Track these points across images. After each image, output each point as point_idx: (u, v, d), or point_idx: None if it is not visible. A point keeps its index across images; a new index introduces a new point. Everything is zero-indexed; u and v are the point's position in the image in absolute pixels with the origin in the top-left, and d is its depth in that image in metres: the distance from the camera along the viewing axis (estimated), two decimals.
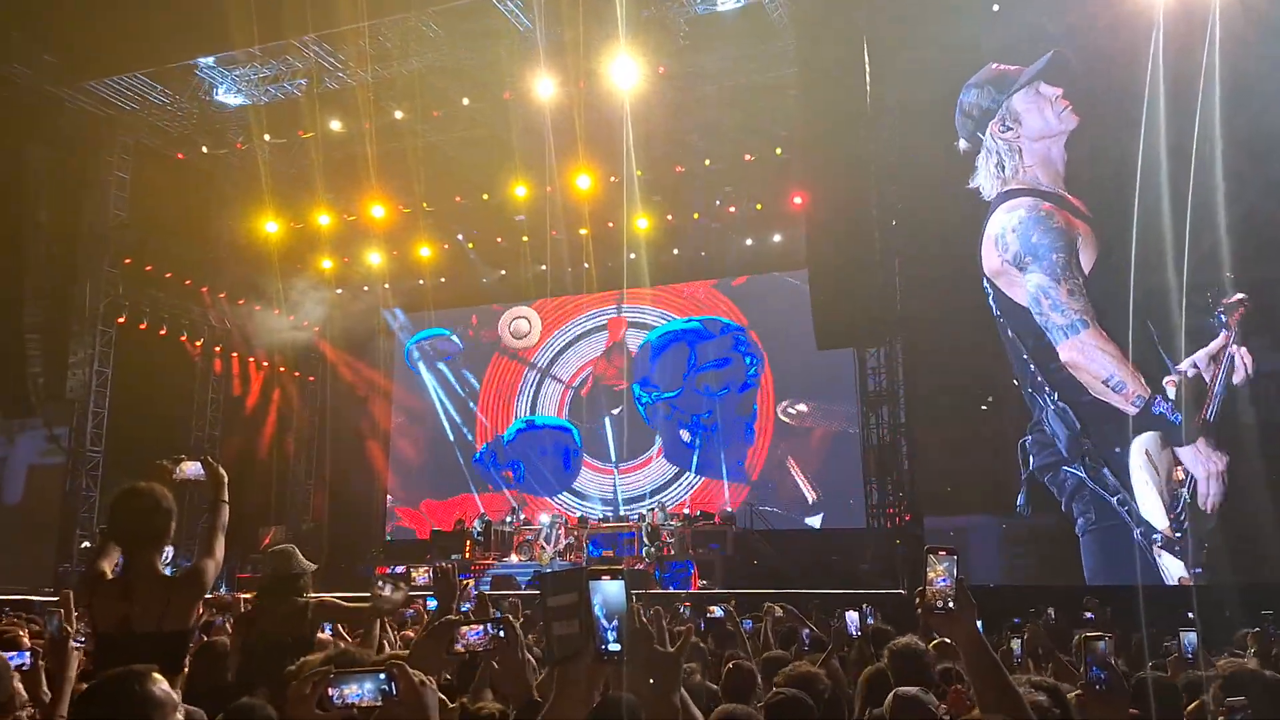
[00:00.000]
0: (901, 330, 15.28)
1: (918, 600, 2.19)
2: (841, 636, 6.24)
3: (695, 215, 19.04)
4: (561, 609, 1.83)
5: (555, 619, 1.83)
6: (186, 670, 3.89)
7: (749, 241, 19.40)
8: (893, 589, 13.90)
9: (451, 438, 21.84)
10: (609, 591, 1.81)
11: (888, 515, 15.55)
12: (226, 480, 3.86)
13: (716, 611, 7.06)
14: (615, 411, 20.62)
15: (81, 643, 3.54)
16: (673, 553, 16.79)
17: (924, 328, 14.83)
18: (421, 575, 16.42)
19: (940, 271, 14.45)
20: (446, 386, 22.14)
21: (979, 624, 2.22)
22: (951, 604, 2.15)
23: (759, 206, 18.49)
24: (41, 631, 5.97)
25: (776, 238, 19.08)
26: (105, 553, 3.70)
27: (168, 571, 3.72)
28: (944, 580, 2.17)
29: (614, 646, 1.81)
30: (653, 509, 17.97)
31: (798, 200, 16.92)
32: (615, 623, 1.81)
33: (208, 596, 4.07)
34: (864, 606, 6.62)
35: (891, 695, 3.19)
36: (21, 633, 5.22)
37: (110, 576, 3.62)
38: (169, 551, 3.79)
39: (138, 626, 3.41)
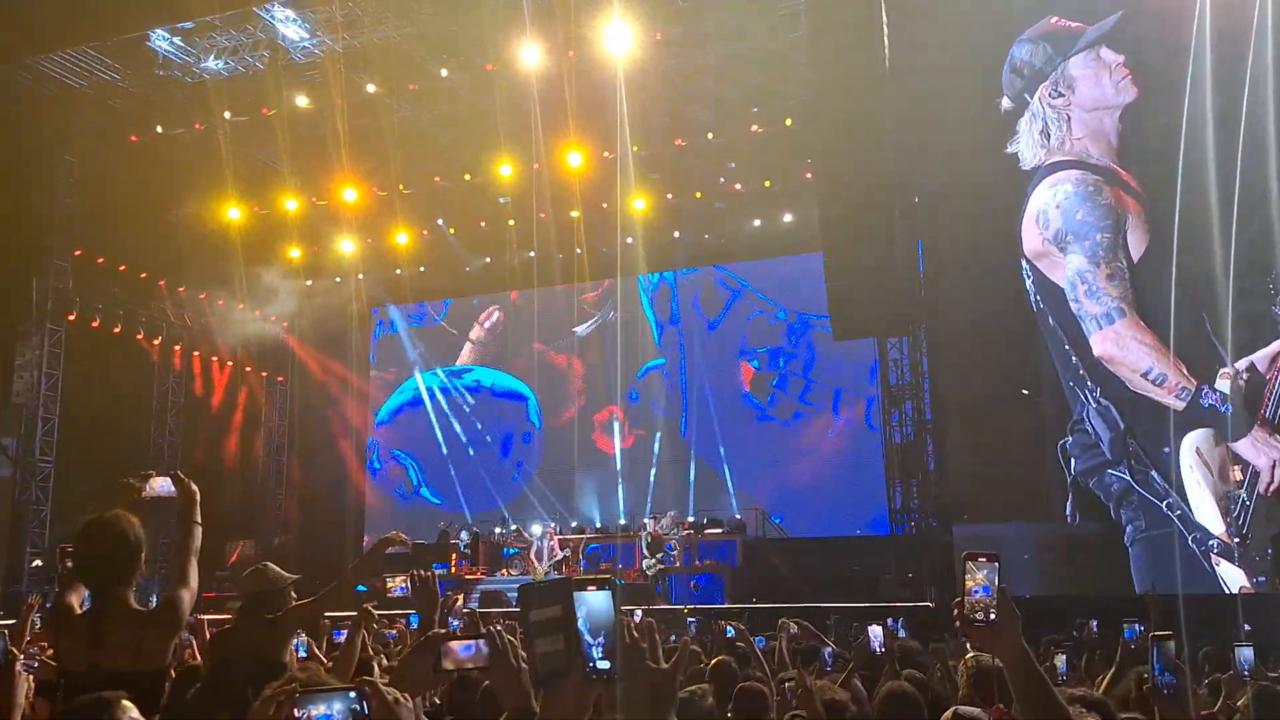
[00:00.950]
0: (926, 318, 15.30)
1: (955, 612, 2.17)
2: (864, 654, 6.23)
3: (698, 194, 19.08)
4: (545, 624, 1.83)
5: (538, 635, 1.83)
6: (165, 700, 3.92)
7: (757, 222, 19.45)
8: (919, 601, 13.98)
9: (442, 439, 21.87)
10: (595, 604, 1.81)
11: (912, 521, 15.57)
12: (198, 498, 3.85)
13: (729, 629, 7.06)
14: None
15: (34, 667, 3.56)
16: (678, 565, 16.82)
17: (952, 315, 14.89)
18: (398, 586, 16.27)
19: (970, 253, 14.47)
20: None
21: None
22: (993, 615, 2.14)
23: (768, 183, 18.52)
24: None
25: (787, 217, 19.11)
26: (73, 584, 3.69)
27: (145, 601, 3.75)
28: (984, 589, 2.16)
29: (602, 664, 1.80)
30: (654, 516, 17.97)
31: (810, 175, 16.98)
32: (602, 638, 1.81)
33: None
34: (888, 620, 6.61)
35: (951, 712, 3.18)
36: None
37: (79, 612, 3.62)
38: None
39: (109, 667, 3.40)
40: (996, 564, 2.18)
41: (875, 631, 6.34)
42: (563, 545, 17.79)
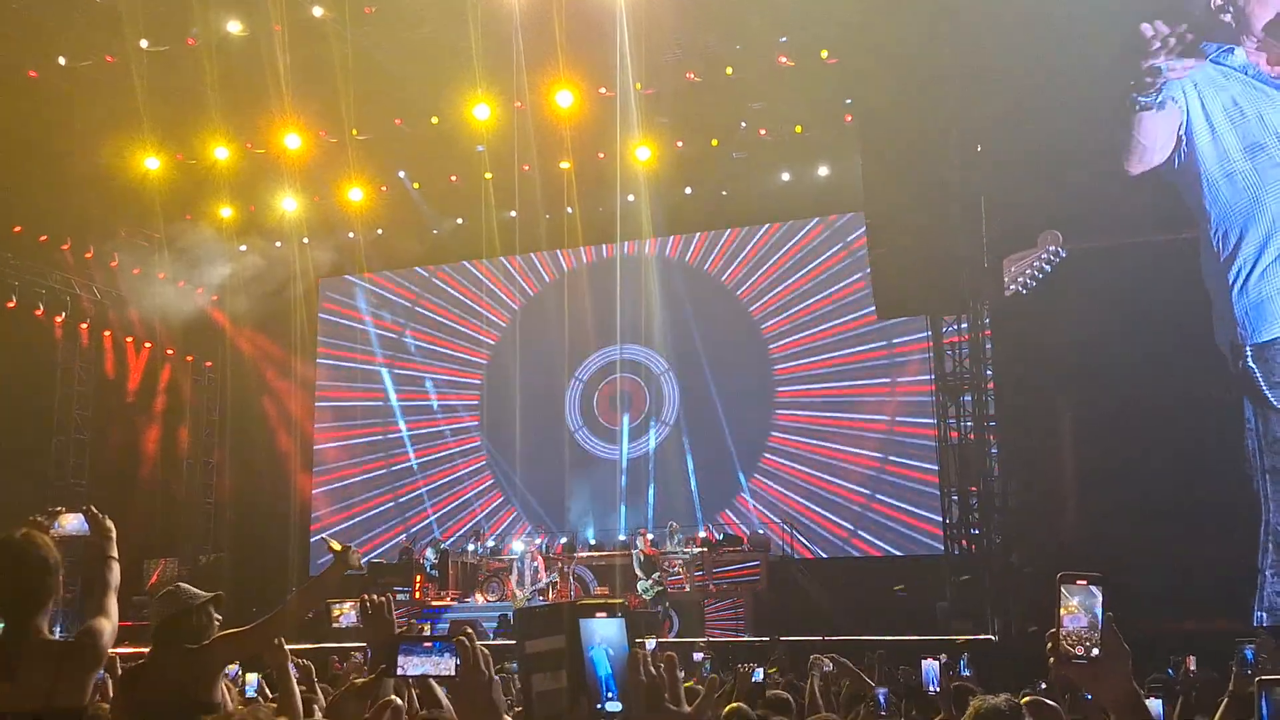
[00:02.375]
0: (990, 293, 15.09)
1: (1049, 645, 2.17)
2: (916, 693, 6.20)
3: (714, 142, 18.91)
4: (543, 657, 1.86)
5: (535, 670, 1.86)
6: None
7: (786, 175, 19.31)
8: (979, 634, 13.88)
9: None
10: (606, 634, 1.84)
11: (970, 536, 15.49)
12: (114, 535, 4.03)
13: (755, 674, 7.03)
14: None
15: None
16: (687, 589, 16.74)
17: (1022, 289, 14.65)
18: (346, 614, 16.24)
19: (1046, 212, 14.21)
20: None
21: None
22: (1096, 650, 2.14)
23: (799, 129, 18.34)
24: None
25: (823, 170, 19.00)
26: None
27: (57, 633, 3.92)
28: (1082, 619, 2.16)
29: (613, 706, 1.81)
30: (640, 530, 17.86)
31: (850, 119, 16.83)
32: (613, 675, 1.82)
33: None
34: (942, 656, 6.53)
35: None
36: None
37: None
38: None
39: (21, 704, 3.50)
40: (1101, 588, 2.17)
41: (930, 666, 6.38)
42: (549, 566, 17.68)
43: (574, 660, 1.83)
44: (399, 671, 2.82)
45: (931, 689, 6.31)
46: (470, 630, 2.39)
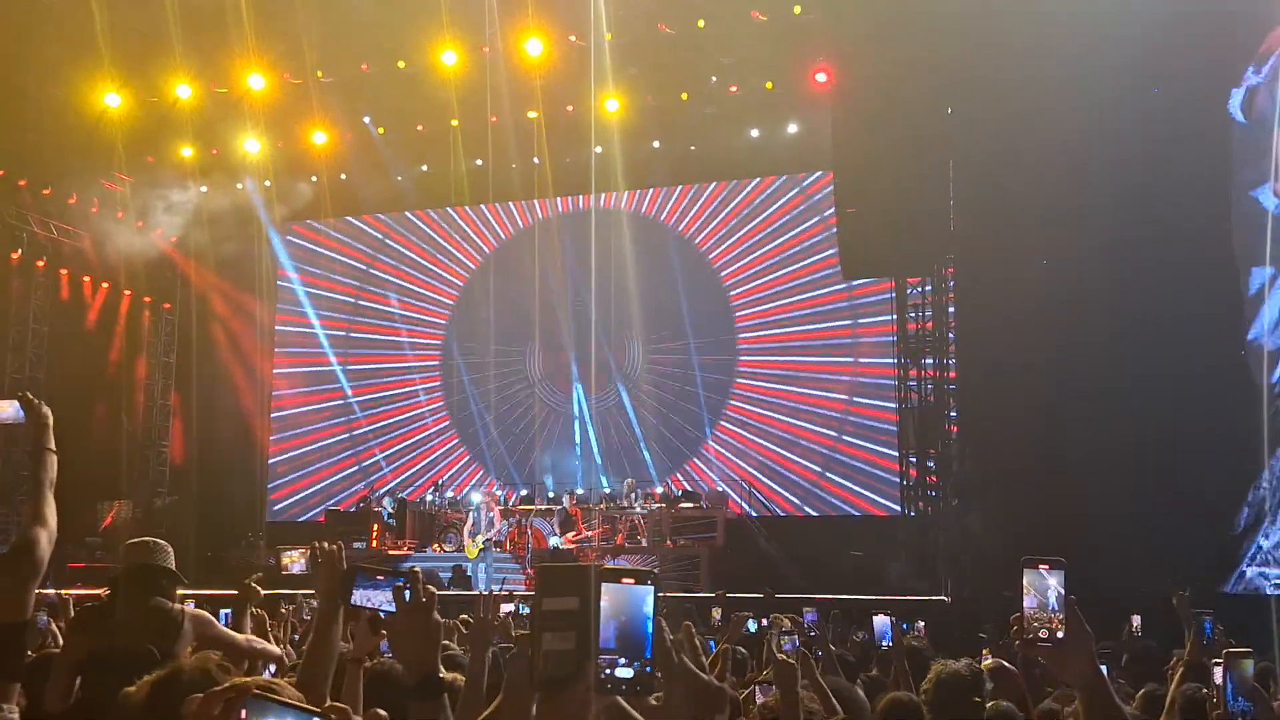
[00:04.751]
0: (955, 256, 14.86)
1: (1013, 627, 2.24)
2: (868, 649, 6.47)
3: (683, 95, 18.50)
4: (558, 616, 1.83)
5: (546, 628, 1.83)
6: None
7: (755, 132, 19.00)
8: (932, 595, 13.78)
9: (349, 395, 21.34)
10: (630, 600, 1.84)
11: (928, 499, 15.47)
12: (51, 422, 3.80)
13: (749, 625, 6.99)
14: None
15: None
16: (645, 543, 16.52)
17: (988, 254, 14.35)
18: (296, 562, 15.91)
19: (1017, 176, 13.85)
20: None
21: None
22: (1061, 633, 2.21)
23: (770, 85, 17.98)
24: None
25: (792, 128, 18.68)
26: None
27: None
28: (1040, 600, 2.23)
29: (624, 673, 1.82)
30: (570, 491, 17.61)
31: (821, 77, 16.49)
32: (630, 640, 1.83)
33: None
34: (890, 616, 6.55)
35: None
36: None
37: None
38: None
39: None
40: (1062, 571, 2.24)
41: (882, 622, 6.43)
42: (505, 516, 17.41)
43: (586, 623, 1.82)
44: (352, 602, 2.83)
45: (885, 644, 6.31)
46: (418, 570, 2.50)
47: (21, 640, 3.55)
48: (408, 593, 2.36)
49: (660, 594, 1.92)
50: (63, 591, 11.32)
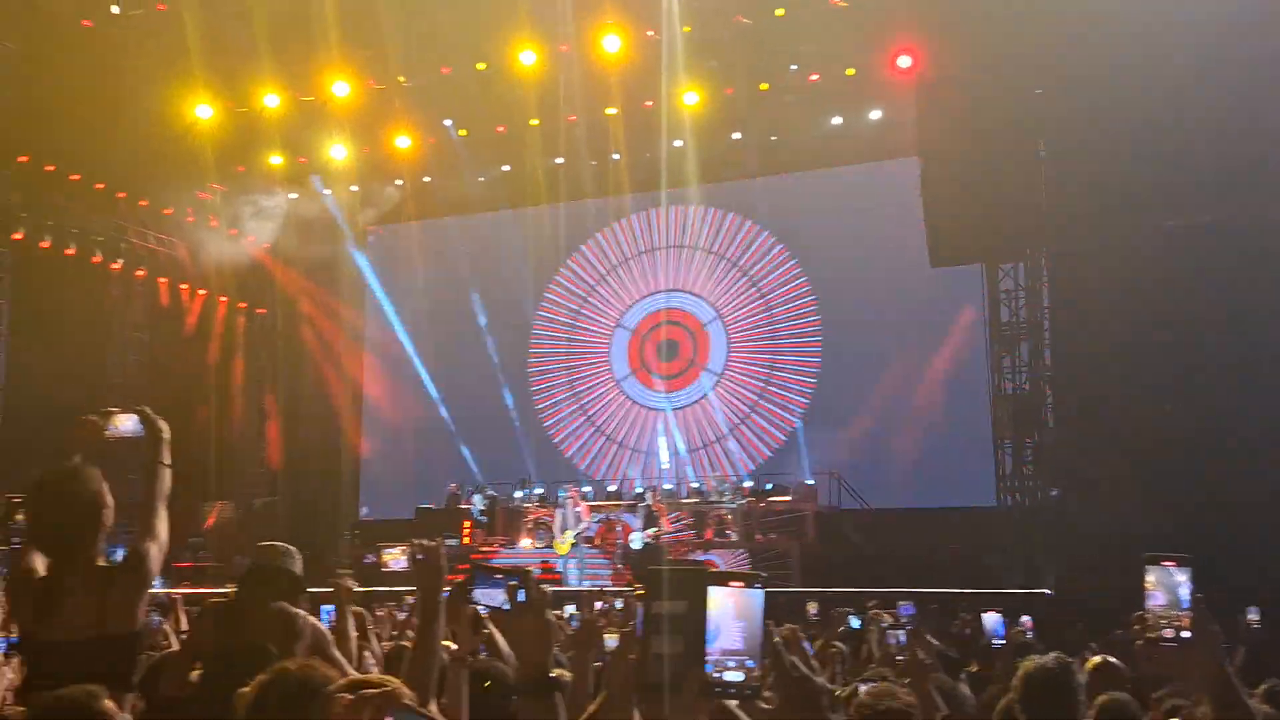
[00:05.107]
0: (1050, 239, 14.63)
1: (1135, 626, 2.19)
2: (975, 649, 6.32)
3: (763, 86, 18.36)
4: (665, 619, 1.84)
5: (655, 632, 1.84)
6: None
7: (837, 120, 18.80)
8: (1030, 588, 13.50)
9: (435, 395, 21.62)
10: (739, 605, 1.84)
11: (1025, 489, 15.29)
12: (168, 437, 3.97)
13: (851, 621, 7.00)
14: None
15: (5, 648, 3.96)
16: (734, 538, 16.38)
17: (1084, 236, 14.03)
18: (397, 559, 16.09)
19: (1113, 156, 13.47)
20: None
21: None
22: (1186, 633, 2.14)
23: (851, 71, 17.75)
24: None
25: (875, 114, 18.46)
26: (34, 549, 3.83)
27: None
28: (1169, 598, 2.17)
29: (732, 676, 1.82)
30: (654, 486, 17.61)
31: (904, 61, 16.19)
32: (741, 645, 1.83)
33: None
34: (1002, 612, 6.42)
35: None
36: None
37: (41, 575, 3.75)
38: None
39: (74, 632, 3.55)
40: (1190, 568, 2.18)
41: (993, 620, 6.47)
42: (592, 512, 17.45)
43: (695, 627, 1.82)
44: (473, 599, 2.90)
45: (996, 642, 6.27)
46: (531, 569, 2.56)
47: (133, 651, 3.70)
48: (521, 592, 2.37)
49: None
50: (172, 591, 11.63)
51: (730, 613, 1.84)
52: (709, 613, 1.84)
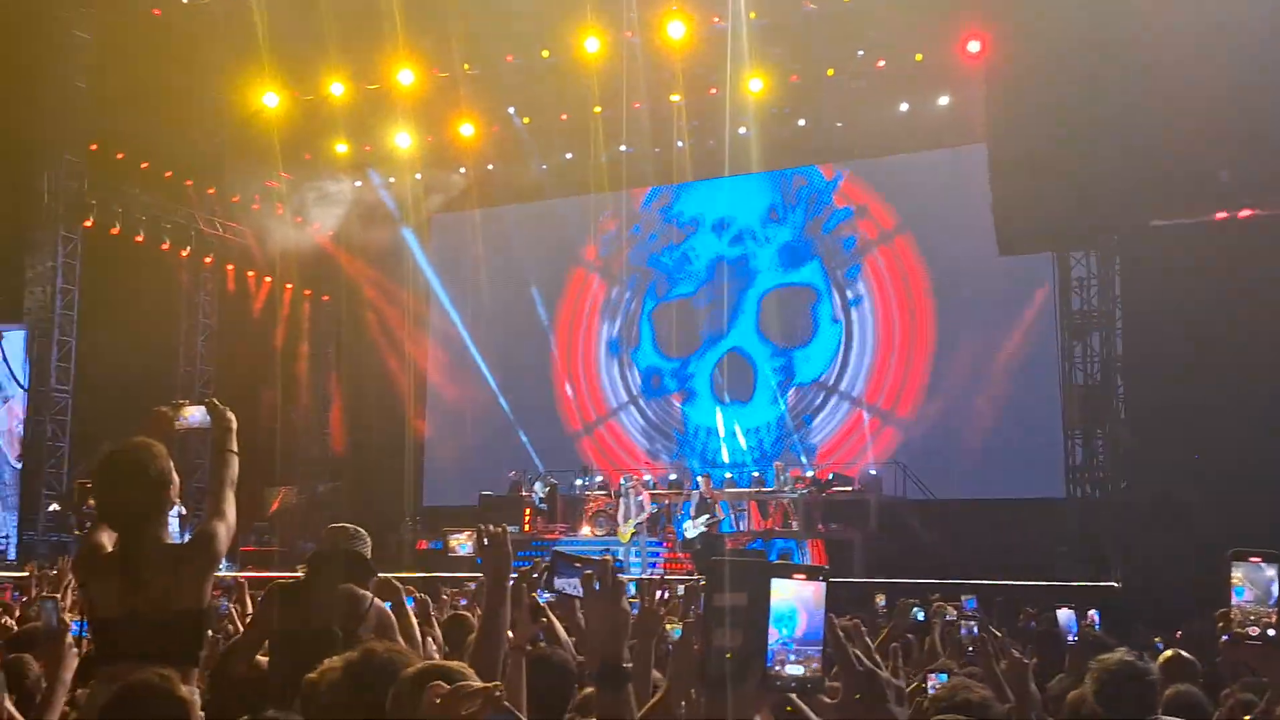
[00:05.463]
0: (1121, 226, 14.42)
1: (1220, 624, 2.17)
2: (1050, 642, 6.04)
3: (829, 71, 18.27)
4: (728, 613, 1.84)
5: (716, 624, 1.85)
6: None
7: (904, 106, 18.61)
8: (1099, 580, 13.31)
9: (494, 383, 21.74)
10: (801, 597, 1.82)
11: (1095, 481, 15.11)
12: (235, 427, 4.11)
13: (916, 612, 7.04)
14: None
15: (83, 632, 3.91)
16: (795, 528, 16.27)
17: (1156, 221, 13.77)
18: (463, 544, 16.18)
19: (1186, 139, 13.18)
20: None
21: None
22: (1272, 630, 2.14)
23: (919, 57, 17.61)
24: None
25: (943, 100, 18.24)
26: (102, 525, 3.91)
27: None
28: (1258, 594, 2.14)
29: (794, 670, 1.81)
30: (706, 474, 17.51)
31: (974, 46, 16.04)
32: (801, 639, 1.81)
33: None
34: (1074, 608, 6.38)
35: None
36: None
37: (109, 550, 3.82)
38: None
39: (142, 608, 3.61)
40: (1276, 565, 2.16)
41: (1066, 616, 6.18)
42: (654, 500, 17.43)
43: (756, 620, 1.81)
44: (555, 588, 2.97)
45: (1071, 637, 6.10)
46: (610, 558, 2.53)
47: (200, 626, 3.77)
48: (596, 582, 2.36)
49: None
50: (239, 575, 11.78)
51: (792, 605, 1.83)
52: (771, 605, 1.82)
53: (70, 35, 18.11)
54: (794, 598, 1.83)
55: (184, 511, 12.99)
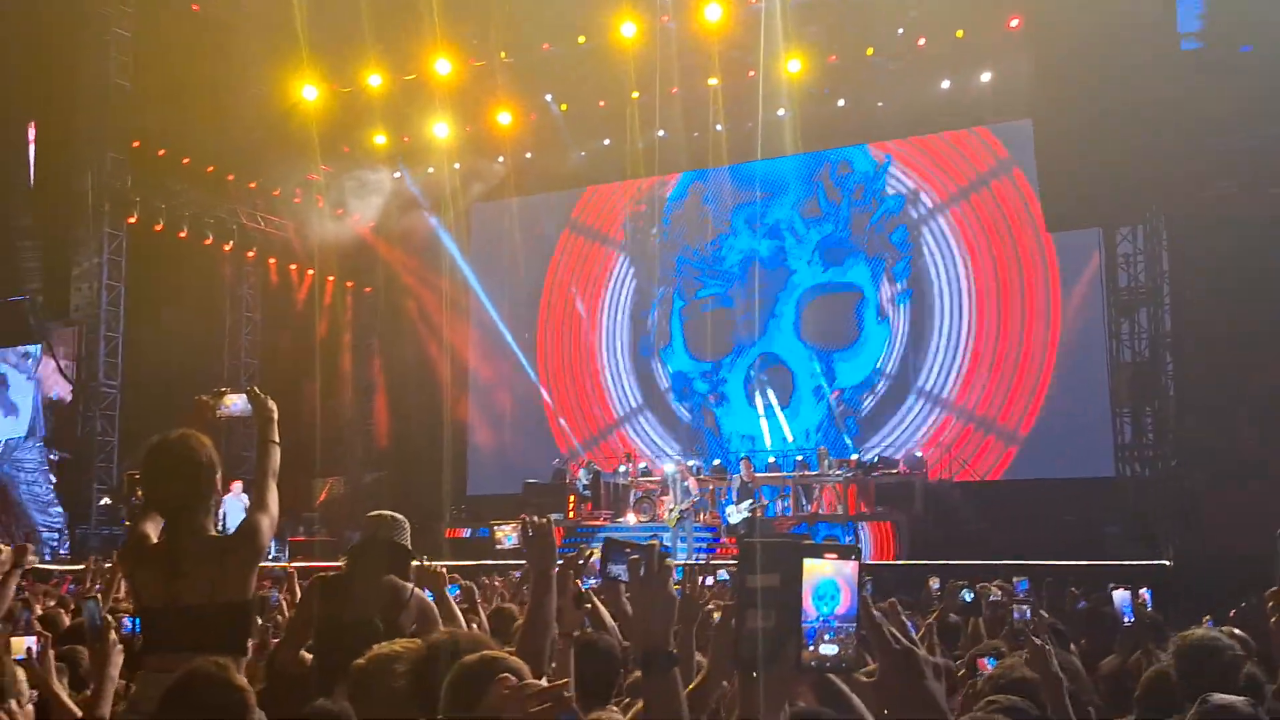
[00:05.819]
0: (1169, 201, 14.19)
1: (1270, 604, 2.36)
2: (1099, 622, 6.08)
3: (868, 51, 18.15)
4: (760, 594, 1.83)
5: (750, 605, 1.84)
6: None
7: (945, 84, 18.44)
8: (1152, 559, 13.20)
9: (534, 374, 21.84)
10: (842, 574, 1.82)
11: (1144, 459, 15.01)
12: (276, 416, 4.17)
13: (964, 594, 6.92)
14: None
15: (131, 628, 4.06)
16: (841, 512, 16.28)
17: (1204, 197, 13.53)
18: (509, 535, 16.32)
19: (1238, 108, 12.99)
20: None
21: None
22: None
23: (960, 34, 17.44)
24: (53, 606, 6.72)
25: (985, 76, 18.04)
26: (149, 514, 3.97)
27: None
28: None
29: (828, 650, 1.80)
30: (746, 458, 17.43)
31: (1017, 21, 15.97)
32: (844, 615, 1.81)
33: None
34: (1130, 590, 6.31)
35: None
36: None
37: (155, 541, 3.87)
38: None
39: (187, 598, 3.68)
40: None
41: (1122, 597, 6.12)
42: (701, 486, 17.40)
43: (788, 601, 1.80)
44: (610, 574, 3.01)
45: (1127, 619, 6.05)
46: (657, 542, 2.49)
47: (246, 617, 3.83)
48: (643, 567, 2.35)
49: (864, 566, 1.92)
50: (288, 565, 11.94)
51: (834, 581, 1.83)
52: (814, 582, 1.82)
53: (110, 33, 18.30)
54: (835, 574, 1.82)
55: (249, 502, 13.12)
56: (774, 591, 1.82)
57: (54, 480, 18.45)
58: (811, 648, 1.80)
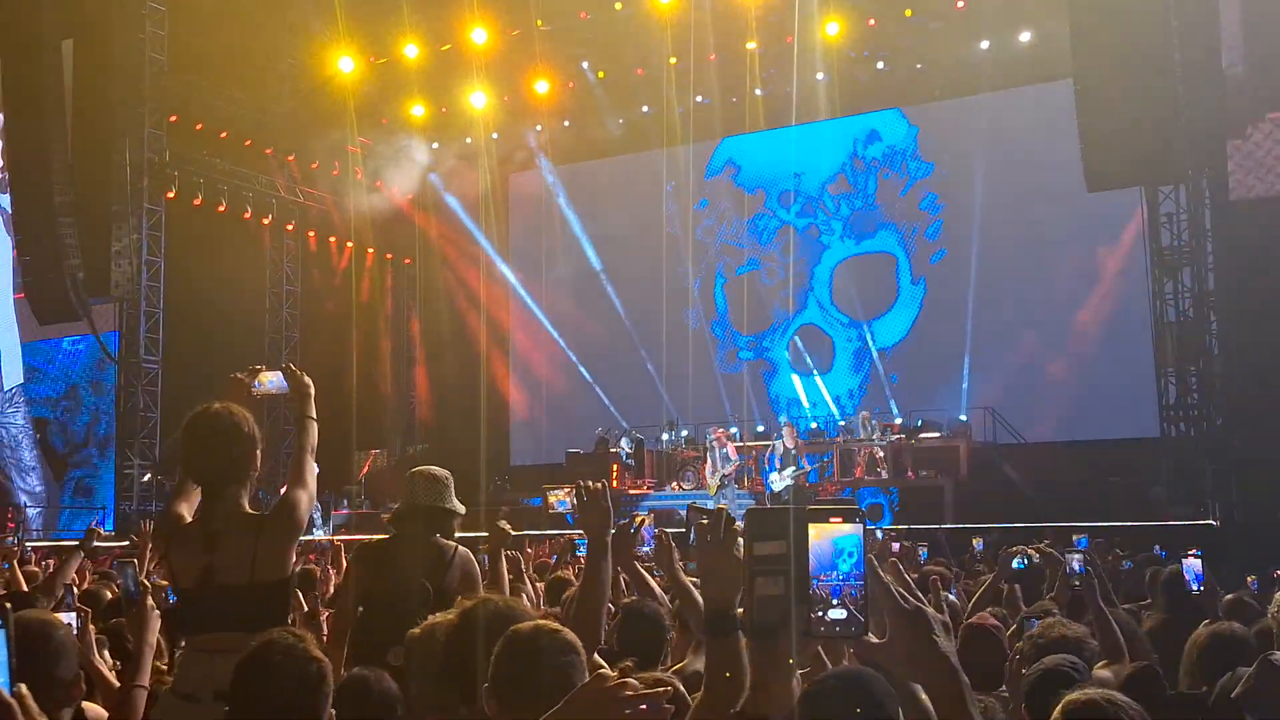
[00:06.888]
0: (1212, 160, 14.30)
1: None
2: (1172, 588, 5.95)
3: (907, 12, 18.32)
4: (768, 560, 1.85)
5: (759, 573, 1.86)
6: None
7: (985, 44, 18.53)
8: (1197, 520, 13.45)
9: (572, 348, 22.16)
10: (837, 540, 1.82)
11: (1190, 419, 15.01)
12: (312, 392, 4.14)
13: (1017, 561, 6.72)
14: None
15: (174, 600, 3.90)
16: (885, 475, 16.57)
17: (1248, 152, 13.80)
18: (561, 500, 16.68)
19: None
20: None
21: None
22: None
23: None
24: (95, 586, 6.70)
25: (1025, 36, 18.16)
26: (183, 492, 3.98)
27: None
28: None
29: (836, 614, 1.81)
30: (790, 422, 17.70)
31: None
32: (840, 581, 1.82)
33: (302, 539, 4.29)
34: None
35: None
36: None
37: (189, 520, 3.89)
38: None
39: (224, 577, 3.66)
40: None
41: (1193, 566, 6.03)
42: (740, 452, 17.69)
43: (796, 567, 1.83)
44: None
45: (1195, 588, 6.02)
46: (725, 505, 2.60)
47: (285, 594, 3.81)
48: (709, 532, 2.33)
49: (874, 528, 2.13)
50: (334, 538, 12.32)
51: (832, 550, 1.83)
52: (811, 550, 1.83)
53: (145, 6, 18.33)
54: (833, 542, 1.84)
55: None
56: (780, 559, 1.84)
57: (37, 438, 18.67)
58: (818, 613, 1.83)
